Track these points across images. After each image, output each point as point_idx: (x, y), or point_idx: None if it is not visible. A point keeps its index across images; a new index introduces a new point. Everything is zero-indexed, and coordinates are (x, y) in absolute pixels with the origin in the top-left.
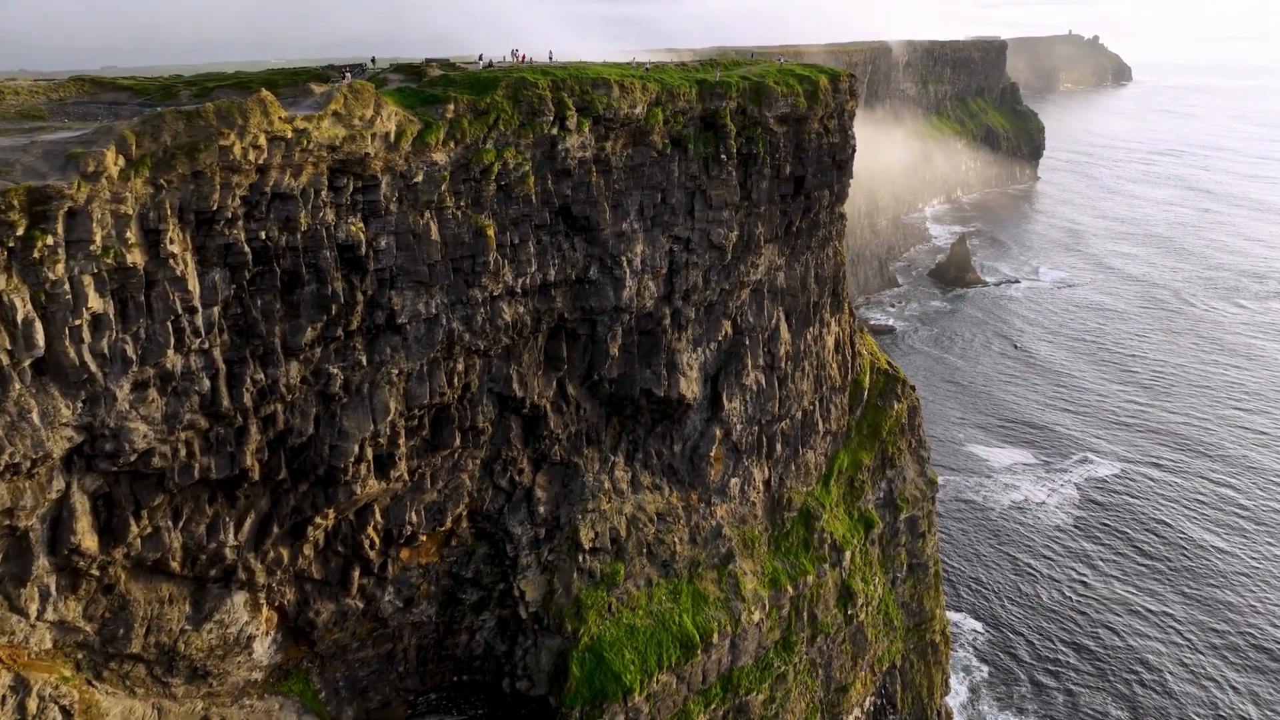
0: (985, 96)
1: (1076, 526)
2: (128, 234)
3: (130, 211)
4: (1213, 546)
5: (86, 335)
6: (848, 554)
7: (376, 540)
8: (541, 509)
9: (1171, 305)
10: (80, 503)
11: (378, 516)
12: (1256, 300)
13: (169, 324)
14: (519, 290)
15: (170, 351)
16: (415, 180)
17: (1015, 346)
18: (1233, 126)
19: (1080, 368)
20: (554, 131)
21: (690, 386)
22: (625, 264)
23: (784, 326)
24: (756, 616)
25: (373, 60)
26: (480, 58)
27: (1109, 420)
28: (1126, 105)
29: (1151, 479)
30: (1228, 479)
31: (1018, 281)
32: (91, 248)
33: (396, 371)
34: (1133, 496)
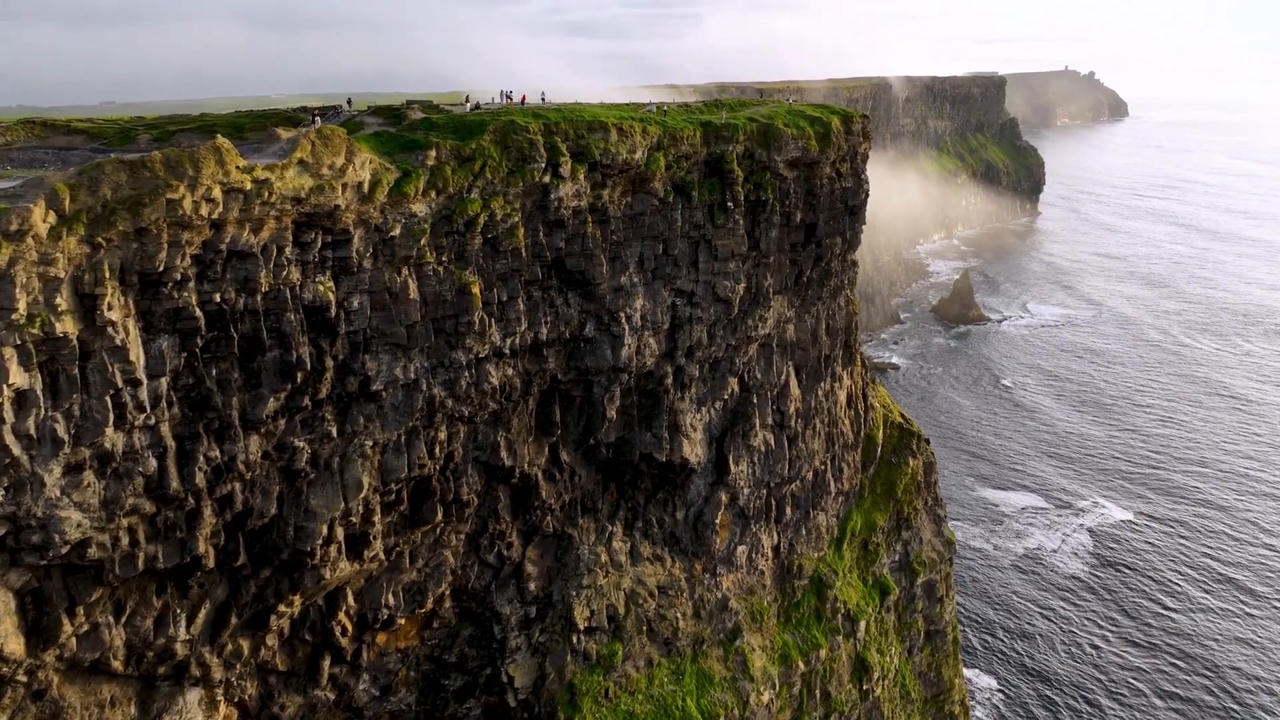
0: (985, 132)
1: (1092, 574)
2: (58, 300)
3: (62, 274)
4: (1232, 589)
5: (9, 414)
6: (862, 624)
7: (349, 626)
8: (532, 585)
9: (1172, 347)
10: (3, 602)
11: (350, 600)
12: (1266, 340)
13: (108, 399)
14: (507, 351)
15: (109, 429)
16: (392, 234)
17: (1005, 384)
18: (1229, 164)
19: (1085, 410)
20: (546, 179)
21: (694, 449)
22: (624, 320)
23: (794, 382)
24: (766, 697)
25: (348, 102)
26: (466, 99)
27: (1118, 464)
28: (1124, 141)
29: (1165, 525)
30: (1238, 521)
31: (1018, 318)
32: (14, 316)
33: (371, 443)
34: (1147, 544)
